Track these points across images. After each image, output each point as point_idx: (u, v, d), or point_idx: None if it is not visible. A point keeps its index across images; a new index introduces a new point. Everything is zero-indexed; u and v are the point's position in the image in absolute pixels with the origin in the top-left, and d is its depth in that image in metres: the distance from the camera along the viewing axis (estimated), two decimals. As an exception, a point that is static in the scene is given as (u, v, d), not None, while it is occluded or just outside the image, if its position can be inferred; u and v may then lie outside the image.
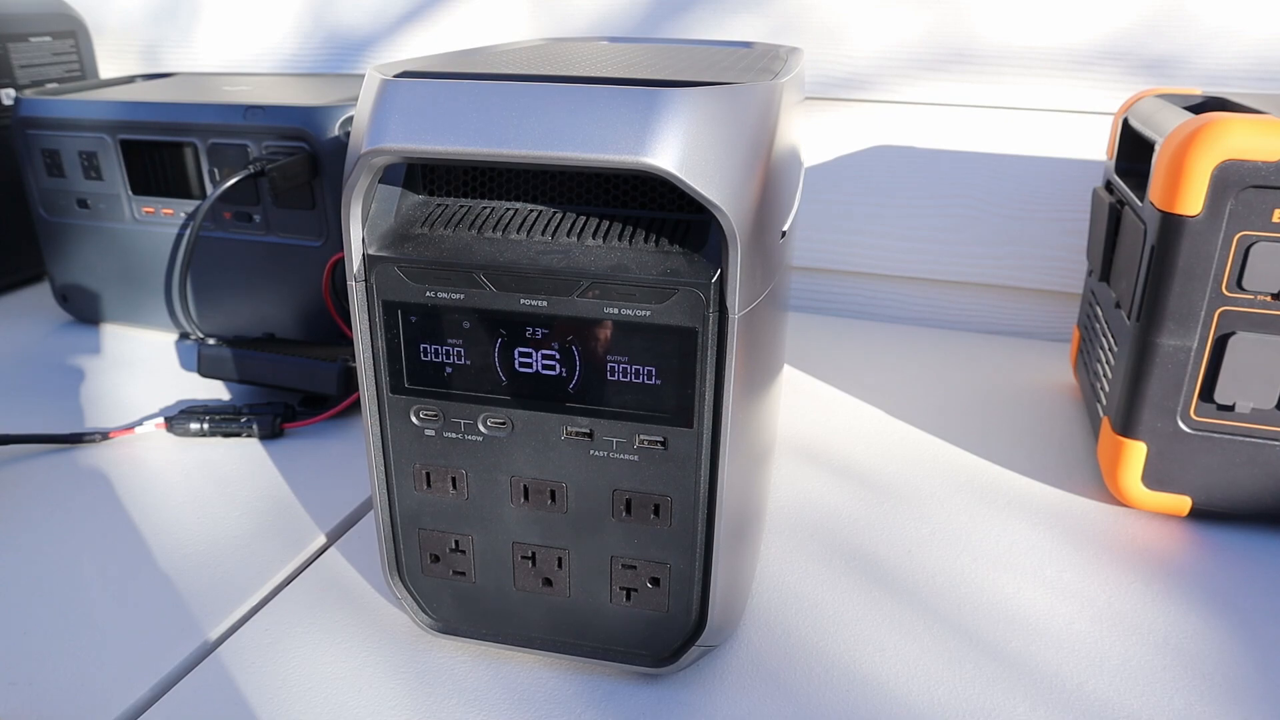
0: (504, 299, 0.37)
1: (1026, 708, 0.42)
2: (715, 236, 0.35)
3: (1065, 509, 0.58)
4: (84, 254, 0.84)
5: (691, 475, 0.38)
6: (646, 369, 0.37)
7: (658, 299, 0.35)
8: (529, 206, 0.39)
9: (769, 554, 0.53)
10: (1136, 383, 0.54)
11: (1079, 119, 0.81)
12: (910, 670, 0.44)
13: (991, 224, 0.87)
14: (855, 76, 0.85)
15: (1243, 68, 0.76)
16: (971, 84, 0.83)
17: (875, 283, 0.93)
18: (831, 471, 0.63)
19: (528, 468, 0.40)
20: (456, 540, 0.42)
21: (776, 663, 0.45)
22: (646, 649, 0.42)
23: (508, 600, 0.43)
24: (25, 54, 0.94)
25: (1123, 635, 0.47)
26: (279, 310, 0.78)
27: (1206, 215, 0.49)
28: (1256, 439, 0.53)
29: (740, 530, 0.42)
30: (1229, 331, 0.51)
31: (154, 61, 1.08)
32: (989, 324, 0.91)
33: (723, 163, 0.33)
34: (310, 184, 0.72)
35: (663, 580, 0.40)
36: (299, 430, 0.68)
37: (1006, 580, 0.51)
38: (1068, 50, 0.79)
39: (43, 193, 0.83)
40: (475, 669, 0.44)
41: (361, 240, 0.37)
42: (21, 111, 0.80)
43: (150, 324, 0.85)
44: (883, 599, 0.50)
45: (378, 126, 0.34)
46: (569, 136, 0.33)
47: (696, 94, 0.33)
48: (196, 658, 0.45)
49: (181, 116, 0.75)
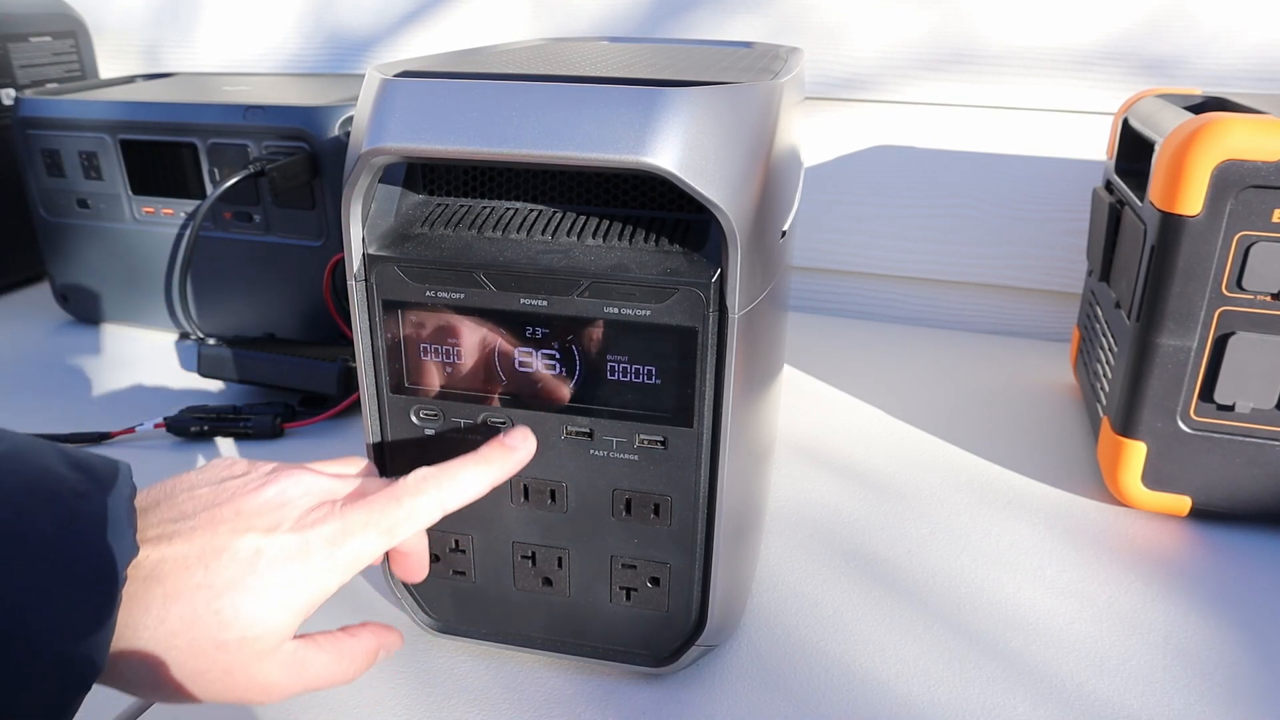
0: (504, 299, 0.37)
1: (1027, 707, 0.42)
2: (715, 236, 0.35)
3: (1065, 509, 0.58)
4: (84, 254, 0.84)
5: (691, 475, 0.38)
6: (646, 369, 0.37)
7: (658, 299, 0.35)
8: (529, 206, 0.39)
9: (769, 554, 0.53)
10: (1136, 383, 0.54)
11: (1079, 119, 0.81)
12: (910, 670, 0.44)
13: (991, 224, 0.87)
14: (856, 77, 0.85)
15: (1243, 68, 0.76)
16: (972, 84, 0.83)
17: (875, 283, 0.93)
18: (831, 471, 0.63)
19: (528, 467, 0.40)
20: (456, 540, 0.42)
21: (776, 662, 0.45)
22: (646, 648, 0.42)
23: (508, 600, 0.43)
24: (25, 54, 0.94)
25: (1123, 635, 0.47)
26: (279, 310, 0.78)
27: (1206, 215, 0.49)
28: (1256, 439, 0.53)
29: (740, 530, 0.42)
30: (1229, 331, 0.51)
31: (155, 62, 1.08)
32: (989, 324, 0.91)
33: (723, 162, 0.33)
34: (310, 184, 0.72)
35: (663, 580, 0.40)
36: (299, 430, 0.68)
37: (1007, 580, 0.51)
38: (1068, 50, 0.79)
39: (43, 193, 0.83)
40: (475, 668, 0.44)
41: (361, 240, 0.37)
42: (22, 111, 0.80)
43: (150, 324, 0.85)
44: (883, 599, 0.50)
45: (378, 126, 0.34)
46: (569, 136, 0.33)
47: (696, 94, 0.33)
48: (196, 657, 0.45)
49: (181, 116, 0.75)
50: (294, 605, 0.31)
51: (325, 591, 0.32)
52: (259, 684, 0.32)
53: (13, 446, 0.29)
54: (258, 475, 0.34)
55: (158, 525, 0.31)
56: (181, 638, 0.30)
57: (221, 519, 0.31)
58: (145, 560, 0.30)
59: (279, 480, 0.33)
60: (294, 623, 0.32)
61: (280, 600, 0.31)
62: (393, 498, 0.34)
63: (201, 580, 0.30)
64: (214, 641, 0.30)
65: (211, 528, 0.31)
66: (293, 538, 0.32)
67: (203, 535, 0.31)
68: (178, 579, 0.30)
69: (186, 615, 0.30)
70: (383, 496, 0.34)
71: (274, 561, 0.31)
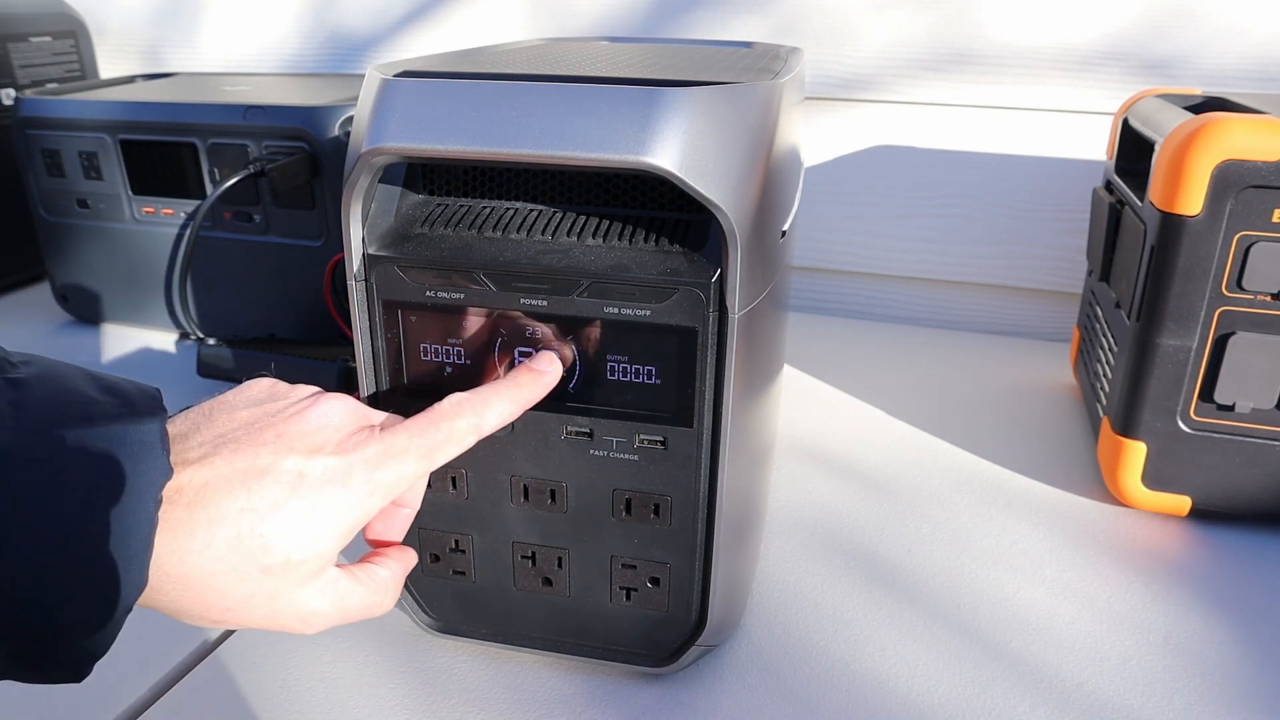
0: (504, 298, 0.37)
1: (1027, 706, 0.42)
2: (715, 236, 0.35)
3: (1065, 509, 0.58)
4: (84, 254, 0.84)
5: (691, 475, 0.38)
6: (646, 368, 0.37)
7: (658, 298, 0.35)
8: (529, 206, 0.39)
9: (769, 554, 0.53)
10: (1136, 383, 0.54)
11: (1079, 119, 0.81)
12: (910, 669, 0.44)
13: (991, 224, 0.87)
14: (856, 77, 0.85)
15: (1243, 68, 0.76)
16: (972, 84, 0.83)
17: (875, 283, 0.93)
18: (832, 471, 0.63)
19: (528, 467, 0.40)
20: (456, 540, 0.42)
21: (776, 662, 0.45)
22: (647, 648, 0.42)
23: (508, 600, 0.43)
24: (25, 54, 0.94)
25: (1123, 634, 0.47)
26: (279, 310, 0.78)
27: (1206, 215, 0.49)
28: (1256, 439, 0.53)
29: (740, 530, 0.42)
30: (1229, 331, 0.51)
31: (156, 62, 1.08)
32: (989, 324, 0.91)
33: (722, 162, 0.33)
34: (310, 184, 0.72)
35: (663, 580, 0.40)
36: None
37: (1007, 580, 0.51)
38: (1068, 50, 0.79)
39: (43, 193, 0.83)
40: (475, 668, 0.44)
41: (361, 240, 0.37)
42: (22, 111, 0.80)
43: (150, 324, 0.85)
44: (883, 598, 0.50)
45: (378, 126, 0.34)
46: (569, 136, 0.33)
47: (696, 94, 0.33)
48: (196, 658, 0.45)
49: (181, 116, 0.75)
50: (337, 529, 0.31)
51: (367, 515, 0.32)
52: (302, 611, 0.32)
53: (43, 370, 0.28)
54: (298, 398, 0.34)
55: (198, 447, 0.31)
56: (227, 562, 0.29)
57: (263, 441, 0.31)
58: (188, 484, 0.30)
59: (320, 404, 0.33)
60: (336, 548, 0.32)
61: (323, 524, 0.31)
62: (431, 421, 0.34)
63: (245, 504, 0.30)
64: (259, 565, 0.30)
65: (254, 449, 0.31)
66: (335, 460, 0.32)
67: (245, 456, 0.31)
68: (221, 503, 0.30)
69: (231, 539, 0.29)
70: (421, 419, 0.34)
71: (317, 484, 0.31)
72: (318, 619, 0.32)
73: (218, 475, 0.30)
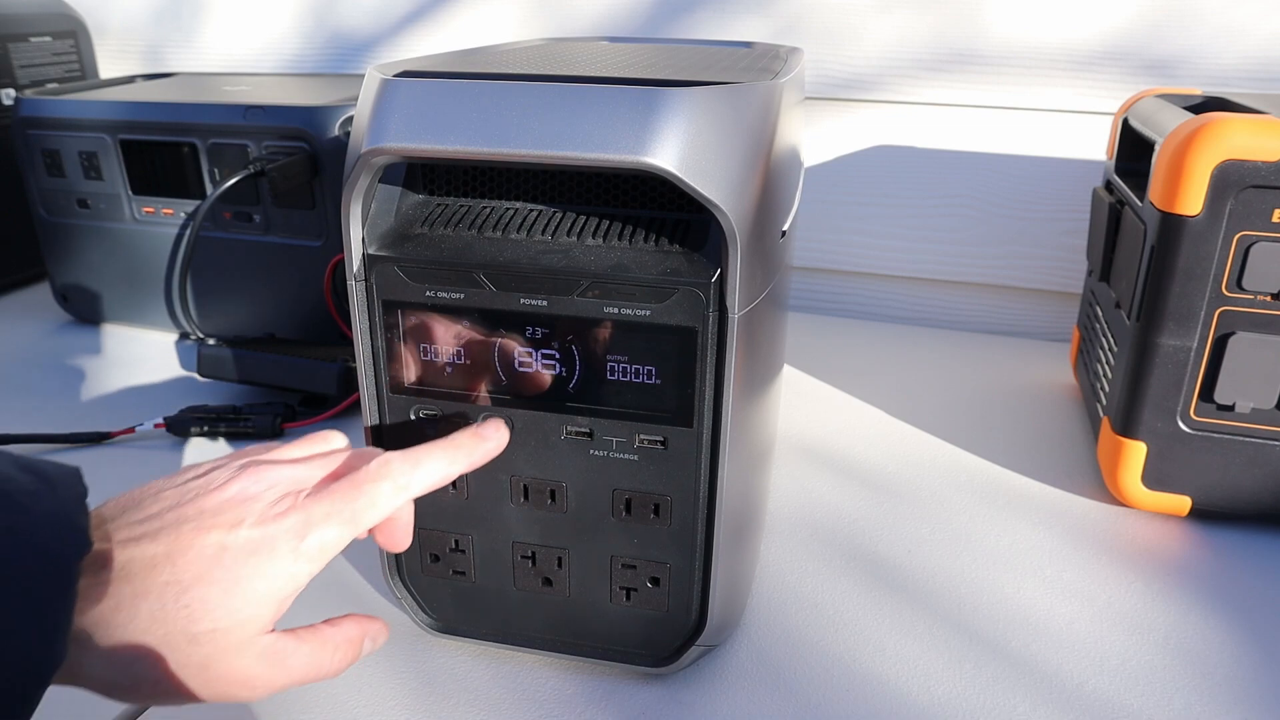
0: (504, 299, 0.37)
1: (1027, 706, 0.42)
2: (715, 236, 0.35)
3: (1065, 509, 0.58)
4: (84, 254, 0.84)
5: (691, 475, 0.38)
6: (646, 368, 0.37)
7: (658, 299, 0.35)
8: (529, 206, 0.39)
9: (769, 554, 0.53)
10: (1136, 383, 0.54)
11: (1079, 119, 0.81)
12: (910, 669, 0.44)
13: (991, 224, 0.87)
14: (856, 77, 0.85)
15: (1243, 68, 0.76)
16: (972, 84, 0.83)
17: (875, 283, 0.93)
18: (832, 471, 0.63)
19: (528, 467, 0.40)
20: (456, 540, 0.42)
21: (777, 662, 0.45)
22: (647, 648, 0.42)
23: (508, 600, 0.43)
24: (25, 54, 0.94)
25: (1123, 634, 0.47)
26: (279, 310, 0.78)
27: (1206, 215, 0.49)
28: (1256, 439, 0.53)
29: (740, 530, 0.42)
30: (1229, 331, 0.51)
31: (156, 62, 1.08)
32: (989, 324, 0.91)
33: (722, 162, 0.33)
34: (310, 184, 0.72)
35: (663, 580, 0.40)
36: (299, 430, 0.68)
37: (1007, 580, 0.51)
38: (1068, 51, 0.79)
39: (43, 193, 0.83)
40: (475, 668, 0.44)
41: (361, 240, 0.37)
42: (22, 111, 0.80)
43: (150, 324, 0.85)
44: (883, 598, 0.50)
45: (378, 126, 0.35)
46: (569, 136, 0.33)
47: (696, 94, 0.33)
48: (196, 657, 0.45)
49: (181, 116, 0.75)
50: (263, 597, 0.32)
51: (295, 582, 0.33)
52: (239, 678, 0.32)
53: None
54: (221, 473, 0.34)
55: (126, 529, 0.32)
56: (153, 634, 0.30)
57: (185, 518, 0.32)
58: (114, 562, 0.30)
59: (241, 479, 0.34)
60: (266, 614, 0.32)
61: (248, 592, 0.31)
62: (354, 485, 0.34)
63: (169, 577, 0.30)
64: (185, 635, 0.30)
65: (176, 528, 0.32)
66: (255, 532, 0.32)
67: (168, 535, 0.31)
68: (145, 577, 0.30)
69: (155, 610, 0.30)
70: (345, 484, 0.34)
71: (240, 555, 0.32)
72: (259, 682, 0.33)
73: (144, 553, 0.31)
